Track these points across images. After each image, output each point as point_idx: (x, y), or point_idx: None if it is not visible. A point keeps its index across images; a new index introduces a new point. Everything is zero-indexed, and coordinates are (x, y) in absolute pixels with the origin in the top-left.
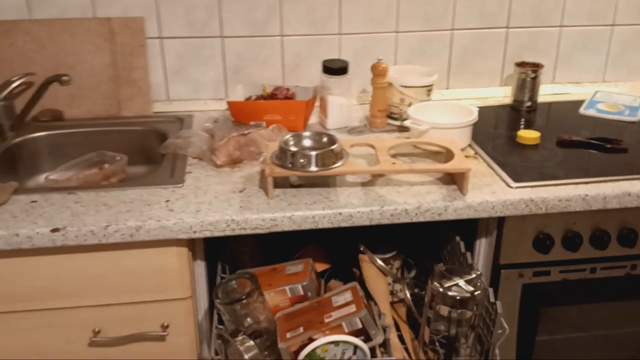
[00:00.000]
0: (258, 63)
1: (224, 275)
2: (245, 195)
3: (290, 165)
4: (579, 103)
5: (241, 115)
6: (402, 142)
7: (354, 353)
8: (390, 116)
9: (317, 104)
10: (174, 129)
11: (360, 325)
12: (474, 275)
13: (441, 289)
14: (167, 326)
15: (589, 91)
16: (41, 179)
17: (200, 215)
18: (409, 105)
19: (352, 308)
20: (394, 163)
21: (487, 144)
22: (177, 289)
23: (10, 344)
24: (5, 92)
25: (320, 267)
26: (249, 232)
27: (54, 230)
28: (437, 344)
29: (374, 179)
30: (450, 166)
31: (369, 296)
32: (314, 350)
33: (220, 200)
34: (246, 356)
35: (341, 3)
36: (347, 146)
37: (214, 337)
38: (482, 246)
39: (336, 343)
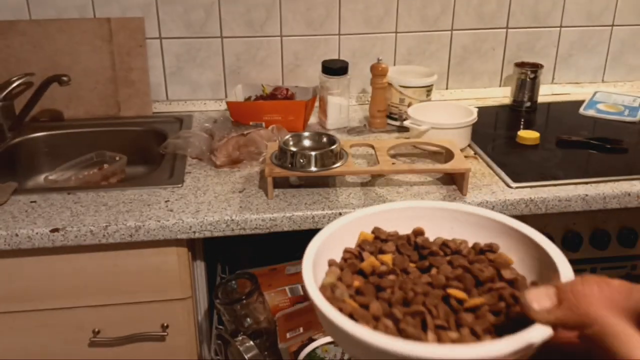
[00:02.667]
0: (257, 63)
1: (223, 276)
2: (245, 195)
3: (289, 165)
4: (579, 103)
5: (240, 115)
6: (402, 142)
7: None
8: (389, 116)
9: (316, 104)
10: (173, 129)
11: None
12: None
13: None
14: (167, 326)
15: (588, 91)
16: (40, 179)
17: (199, 215)
18: (409, 105)
19: None
20: (393, 163)
21: (487, 144)
22: (177, 289)
23: (9, 344)
24: (4, 93)
25: None
26: (248, 232)
27: (54, 230)
28: None
29: (373, 179)
30: (449, 166)
31: None
32: (314, 350)
33: (219, 201)
34: (246, 356)
35: (340, 3)
36: (346, 146)
37: (214, 338)
38: None
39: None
